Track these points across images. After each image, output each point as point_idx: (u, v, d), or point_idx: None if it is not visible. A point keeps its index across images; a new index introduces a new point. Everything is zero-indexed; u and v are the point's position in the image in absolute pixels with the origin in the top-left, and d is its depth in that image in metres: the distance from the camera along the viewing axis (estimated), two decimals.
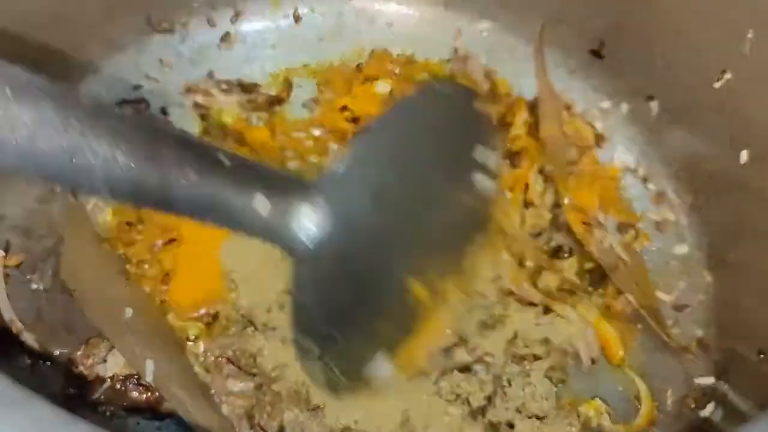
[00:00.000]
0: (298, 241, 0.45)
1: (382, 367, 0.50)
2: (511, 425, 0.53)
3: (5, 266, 0.55)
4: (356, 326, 0.49)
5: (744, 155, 0.56)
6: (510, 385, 0.54)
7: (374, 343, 0.50)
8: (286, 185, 0.45)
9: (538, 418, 0.54)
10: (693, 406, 0.55)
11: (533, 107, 0.67)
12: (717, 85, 0.58)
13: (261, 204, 0.43)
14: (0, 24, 0.54)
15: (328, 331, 0.48)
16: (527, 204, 0.63)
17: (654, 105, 0.64)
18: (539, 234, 0.62)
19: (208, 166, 0.42)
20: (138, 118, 0.39)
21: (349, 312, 0.49)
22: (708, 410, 0.54)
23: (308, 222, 0.45)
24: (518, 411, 0.54)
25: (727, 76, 0.57)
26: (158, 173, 0.40)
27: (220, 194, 0.42)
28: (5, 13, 0.54)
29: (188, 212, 0.42)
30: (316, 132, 0.65)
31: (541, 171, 0.64)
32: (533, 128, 0.65)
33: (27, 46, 0.56)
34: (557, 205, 0.63)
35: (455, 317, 0.54)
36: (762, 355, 0.51)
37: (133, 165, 0.39)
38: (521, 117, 0.65)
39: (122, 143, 0.38)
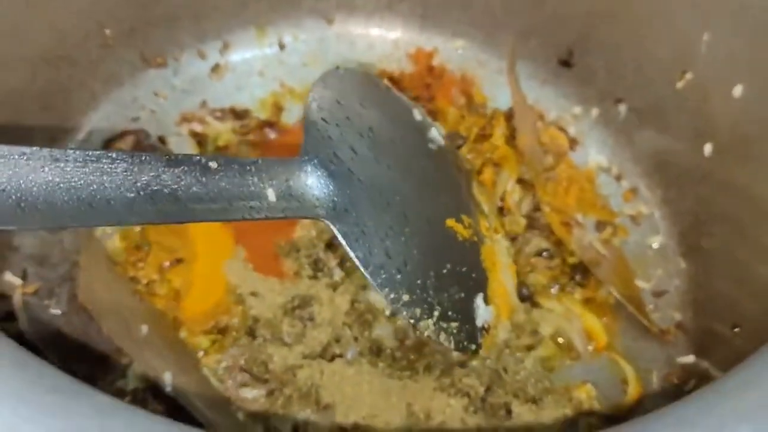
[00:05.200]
0: (316, 206, 0.51)
1: (484, 310, 0.57)
2: (508, 410, 0.57)
3: (23, 293, 0.58)
4: (432, 268, 0.56)
5: (708, 148, 0.61)
6: (506, 372, 0.58)
7: (463, 286, 0.57)
8: (278, 164, 0.51)
9: (533, 401, 0.57)
10: (676, 382, 0.59)
11: (509, 118, 0.71)
12: (680, 84, 0.62)
13: (269, 193, 0.49)
14: (11, 64, 0.58)
15: (406, 276, 0.54)
16: (504, 211, 0.67)
17: (622, 108, 0.69)
18: (514, 238, 0.65)
19: (204, 173, 0.47)
20: (121, 156, 0.44)
21: (413, 255, 0.55)
22: (690, 386, 0.58)
23: (314, 186, 0.52)
24: (515, 396, 0.57)
25: (688, 76, 0.61)
26: (168, 197, 0.45)
27: (228, 194, 0.48)
28: (15, 53, 0.58)
29: (209, 218, 0.48)
30: None
31: (519, 180, 0.68)
32: (510, 139, 0.70)
33: (36, 83, 0.60)
34: (536, 209, 0.67)
35: (504, 251, 0.62)
36: (736, 329, 0.55)
37: (142, 199, 0.44)
38: (499, 129, 0.70)
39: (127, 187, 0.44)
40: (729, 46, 0.57)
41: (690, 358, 0.59)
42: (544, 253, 0.65)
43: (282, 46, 0.74)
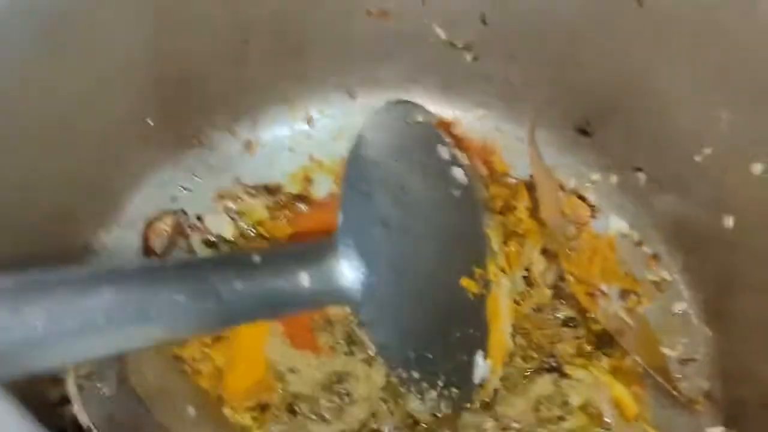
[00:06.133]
0: (347, 293, 0.54)
1: (483, 367, 0.59)
2: None
3: (77, 376, 0.60)
4: (442, 339, 0.58)
5: (729, 220, 0.62)
6: None
7: (467, 348, 0.59)
8: (316, 252, 0.54)
9: None
10: None
11: (531, 188, 0.72)
12: (698, 158, 0.63)
13: (304, 279, 0.52)
14: (59, 149, 0.60)
15: (418, 354, 0.56)
16: (530, 283, 0.68)
17: (641, 176, 0.70)
18: (540, 310, 0.67)
19: (246, 269, 0.50)
20: (173, 261, 0.47)
21: (427, 330, 0.57)
22: None
23: (347, 272, 0.54)
24: None
25: (707, 150, 0.62)
26: (213, 297, 0.48)
27: (267, 287, 0.50)
28: (62, 140, 0.60)
29: (246, 318, 0.51)
30: None
31: (543, 250, 0.69)
32: (534, 211, 0.71)
33: (81, 165, 0.63)
34: (561, 278, 0.68)
35: (505, 293, 0.64)
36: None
37: (191, 302, 0.47)
38: (523, 202, 0.71)
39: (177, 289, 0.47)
40: (749, 126, 0.59)
41: (719, 430, 0.61)
42: (570, 323, 0.66)
43: (310, 121, 0.77)
